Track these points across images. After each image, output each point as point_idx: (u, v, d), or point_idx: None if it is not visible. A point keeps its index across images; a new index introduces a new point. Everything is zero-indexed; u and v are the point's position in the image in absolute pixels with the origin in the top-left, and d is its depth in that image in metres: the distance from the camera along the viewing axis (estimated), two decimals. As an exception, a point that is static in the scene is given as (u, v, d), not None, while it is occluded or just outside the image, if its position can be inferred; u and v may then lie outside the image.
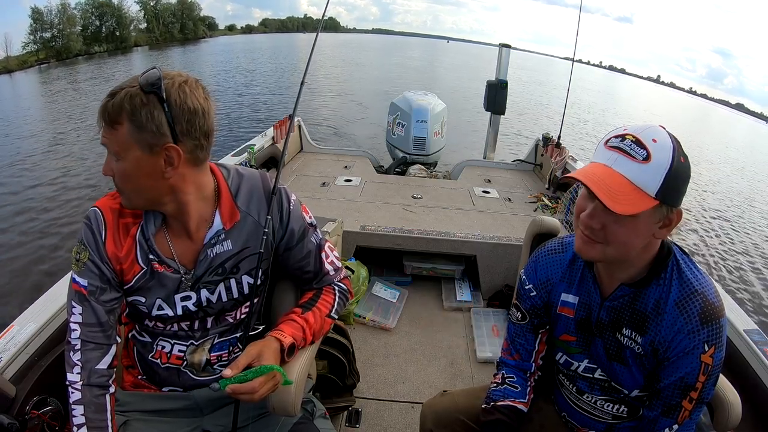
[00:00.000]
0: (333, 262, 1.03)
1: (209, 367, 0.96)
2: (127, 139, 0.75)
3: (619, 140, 0.71)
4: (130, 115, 0.74)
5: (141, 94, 0.74)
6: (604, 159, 0.72)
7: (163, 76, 0.75)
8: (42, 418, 0.95)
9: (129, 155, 0.77)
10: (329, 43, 51.06)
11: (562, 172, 3.22)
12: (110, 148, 0.77)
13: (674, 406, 0.78)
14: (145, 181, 0.79)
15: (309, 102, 12.22)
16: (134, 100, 0.74)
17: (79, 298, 0.84)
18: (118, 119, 0.74)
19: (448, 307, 2.33)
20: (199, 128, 0.79)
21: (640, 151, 0.69)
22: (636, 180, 0.69)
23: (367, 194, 2.97)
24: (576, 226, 0.79)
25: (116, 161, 0.78)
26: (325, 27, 2.04)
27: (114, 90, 0.76)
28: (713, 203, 7.96)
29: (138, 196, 0.82)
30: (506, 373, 0.98)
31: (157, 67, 0.77)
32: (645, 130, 0.71)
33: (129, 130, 0.75)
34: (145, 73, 0.76)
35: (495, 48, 4.14)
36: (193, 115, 0.77)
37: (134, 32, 39.23)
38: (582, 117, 14.89)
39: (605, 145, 0.73)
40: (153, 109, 0.74)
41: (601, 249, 0.75)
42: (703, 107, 51.53)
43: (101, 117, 0.76)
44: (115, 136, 0.76)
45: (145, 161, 0.77)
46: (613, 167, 0.70)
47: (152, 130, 0.75)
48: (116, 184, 0.81)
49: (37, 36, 28.16)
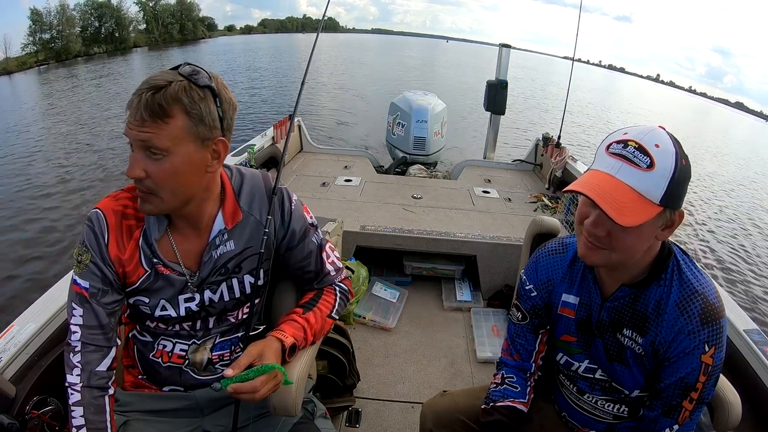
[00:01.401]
0: (334, 262, 1.04)
1: (211, 367, 0.96)
2: (180, 133, 0.75)
3: (622, 147, 0.70)
4: (189, 108, 0.74)
5: (196, 87, 0.75)
6: (607, 167, 0.71)
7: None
8: (42, 418, 0.95)
9: (180, 149, 0.76)
10: (328, 43, 51.05)
11: (562, 172, 3.23)
12: (156, 143, 0.74)
13: (675, 407, 0.78)
14: (190, 177, 0.79)
15: (309, 102, 12.23)
16: (191, 93, 0.74)
17: (80, 300, 0.84)
18: (170, 112, 0.73)
19: (448, 307, 2.33)
20: (233, 124, 0.83)
21: (643, 159, 0.68)
22: (640, 188, 0.68)
23: (367, 194, 2.97)
24: (578, 232, 0.78)
25: (158, 158, 0.75)
26: (324, 27, 2.06)
27: (155, 84, 0.73)
28: (713, 203, 7.97)
29: (176, 195, 0.80)
30: (506, 373, 0.98)
31: (190, 63, 0.78)
32: (647, 134, 0.70)
33: (184, 123, 0.75)
34: (183, 68, 0.77)
35: (494, 47, 4.14)
36: (234, 111, 0.82)
37: (133, 33, 39.12)
38: (582, 116, 14.90)
39: (607, 152, 0.72)
40: (209, 102, 0.77)
41: (606, 255, 0.74)
42: (704, 106, 51.56)
43: (145, 111, 0.72)
44: (164, 129, 0.73)
45: (195, 155, 0.78)
46: (617, 176, 0.69)
47: (209, 123, 0.77)
48: (146, 186, 0.77)
49: (36, 37, 28.07)
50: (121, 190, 0.88)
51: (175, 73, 0.76)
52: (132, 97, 0.74)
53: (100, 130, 8.63)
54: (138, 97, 0.73)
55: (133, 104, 0.73)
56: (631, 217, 0.67)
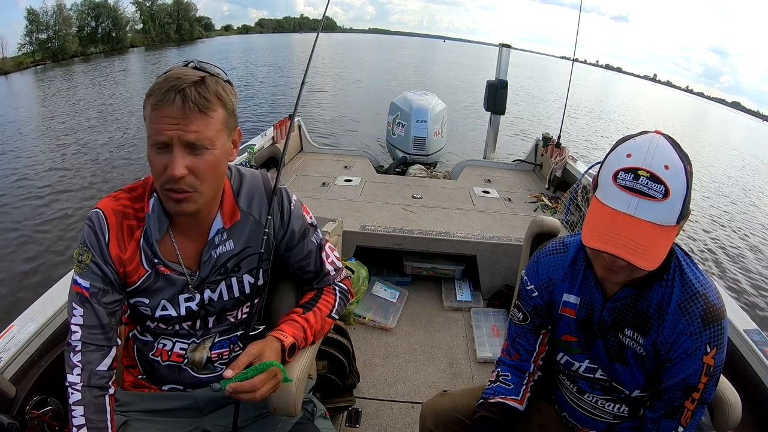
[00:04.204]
0: (333, 262, 1.03)
1: (210, 365, 0.96)
2: (221, 126, 0.78)
3: (632, 178, 0.67)
4: (225, 101, 0.78)
5: (223, 81, 0.79)
6: (622, 205, 0.67)
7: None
8: (42, 418, 0.95)
9: (219, 142, 0.79)
10: (326, 42, 50.98)
11: (562, 172, 3.23)
12: (203, 137, 0.74)
13: (677, 407, 0.78)
14: (224, 167, 0.84)
15: (309, 102, 12.22)
16: (224, 86, 0.79)
17: (81, 299, 0.84)
18: (213, 106, 0.75)
19: (448, 307, 2.33)
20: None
21: (658, 189, 0.66)
22: (660, 220, 0.67)
23: (367, 194, 2.97)
24: (594, 256, 0.77)
25: (202, 152, 0.76)
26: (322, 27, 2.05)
27: (188, 78, 0.73)
28: (713, 202, 7.98)
29: (213, 188, 0.82)
30: (501, 371, 0.98)
31: (198, 60, 0.80)
32: (653, 156, 0.67)
33: (223, 116, 0.78)
34: (190, 64, 0.79)
35: (491, 47, 4.14)
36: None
37: (130, 33, 38.95)
38: (582, 115, 14.95)
39: (615, 183, 0.68)
40: (233, 95, 0.81)
41: (628, 273, 0.73)
42: (701, 106, 51.66)
43: (192, 106, 0.72)
44: (209, 123, 0.75)
45: (227, 146, 0.82)
46: (636, 215, 0.66)
47: (235, 115, 0.82)
48: (188, 183, 0.76)
49: (33, 37, 27.95)
50: (121, 190, 0.88)
51: (193, 68, 0.78)
52: (160, 94, 0.72)
53: (99, 129, 8.62)
54: (178, 93, 0.72)
55: (171, 102, 0.71)
56: (656, 258, 0.66)
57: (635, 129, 0.81)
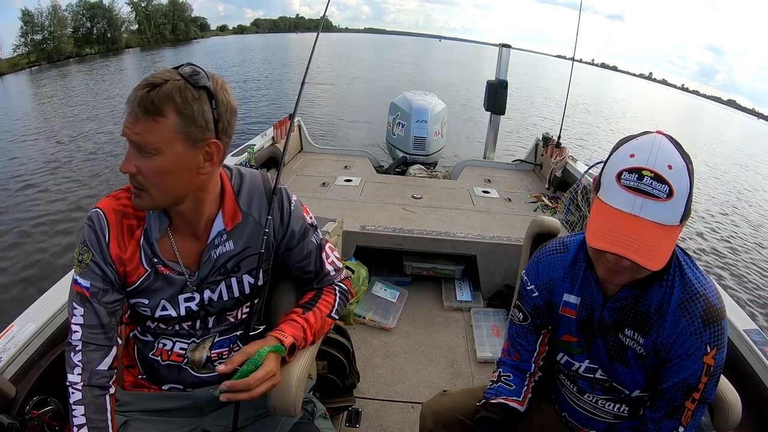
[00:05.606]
0: (333, 262, 1.03)
1: (209, 364, 0.96)
2: (171, 133, 0.74)
3: (636, 178, 0.67)
4: (181, 108, 0.74)
5: (191, 88, 0.75)
6: (626, 205, 0.67)
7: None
8: (42, 418, 0.95)
9: (170, 149, 0.75)
10: (323, 42, 50.74)
11: (562, 171, 3.23)
12: (146, 140, 0.74)
13: (678, 408, 0.78)
14: (179, 176, 0.79)
15: (308, 102, 12.21)
16: (185, 93, 0.74)
17: (81, 299, 0.84)
18: (162, 111, 0.73)
19: (448, 307, 2.33)
20: (232, 127, 0.82)
21: (662, 189, 0.66)
22: (664, 220, 0.66)
23: (367, 194, 2.97)
24: (596, 257, 0.77)
25: (148, 156, 0.75)
26: (317, 27, 2.04)
27: (152, 81, 0.73)
28: (712, 202, 8.00)
29: (165, 193, 0.80)
30: (503, 371, 0.98)
31: (192, 63, 0.78)
32: (656, 156, 0.67)
33: (176, 123, 0.74)
34: (184, 68, 0.76)
35: (487, 46, 4.16)
36: (232, 115, 0.81)
37: (125, 34, 38.73)
38: (580, 113, 14.96)
39: (619, 183, 0.68)
40: (204, 104, 0.76)
41: (631, 274, 0.74)
42: (697, 104, 51.73)
43: (138, 107, 0.72)
44: (155, 128, 0.73)
45: (186, 156, 0.77)
46: (640, 215, 0.66)
47: (201, 125, 0.76)
48: (138, 182, 0.78)
49: (27, 38, 27.80)
50: (121, 190, 0.88)
51: (175, 72, 0.76)
52: (132, 92, 0.75)
53: (99, 129, 8.61)
54: (134, 93, 0.74)
55: (130, 101, 0.74)
56: (662, 258, 0.66)
57: (632, 128, 0.80)
